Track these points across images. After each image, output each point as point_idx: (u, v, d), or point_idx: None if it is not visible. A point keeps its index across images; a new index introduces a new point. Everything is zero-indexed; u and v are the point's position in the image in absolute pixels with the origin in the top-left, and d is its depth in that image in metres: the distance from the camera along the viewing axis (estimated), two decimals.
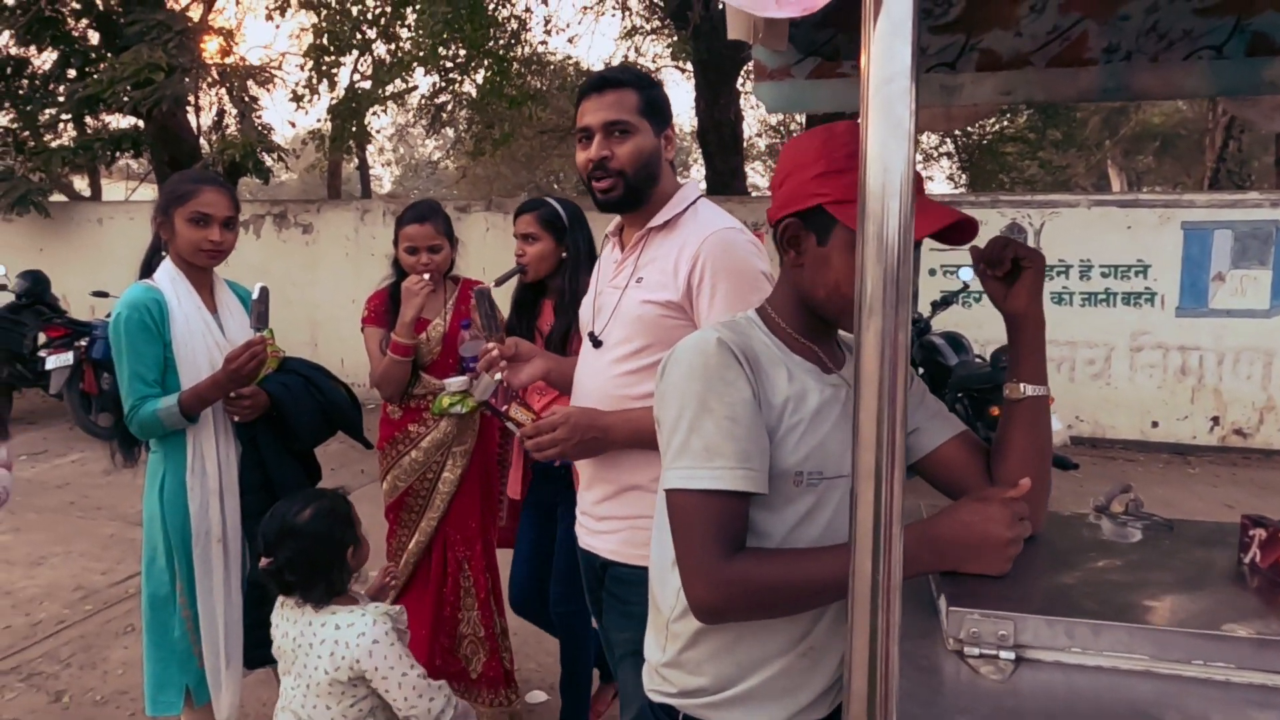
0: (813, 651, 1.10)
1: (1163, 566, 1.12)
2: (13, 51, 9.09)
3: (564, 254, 2.42)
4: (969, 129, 11.94)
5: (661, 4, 9.06)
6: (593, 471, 1.64)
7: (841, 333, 1.21)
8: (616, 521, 1.60)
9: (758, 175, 21.04)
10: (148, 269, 2.20)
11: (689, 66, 10.54)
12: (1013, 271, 1.15)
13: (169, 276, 2.14)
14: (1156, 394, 6.39)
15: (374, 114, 7.76)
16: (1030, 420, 1.15)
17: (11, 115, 9.41)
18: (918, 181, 1.04)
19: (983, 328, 5.83)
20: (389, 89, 6.87)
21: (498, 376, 1.66)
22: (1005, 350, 5.39)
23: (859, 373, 0.70)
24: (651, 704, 1.20)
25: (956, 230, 1.06)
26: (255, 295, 2.15)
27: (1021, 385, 1.15)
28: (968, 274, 5.25)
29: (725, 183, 8.79)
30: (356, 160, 16.86)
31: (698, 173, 26.11)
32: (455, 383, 2.47)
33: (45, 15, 8.48)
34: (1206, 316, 6.21)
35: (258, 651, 2.18)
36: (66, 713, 2.76)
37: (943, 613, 0.97)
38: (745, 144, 10.17)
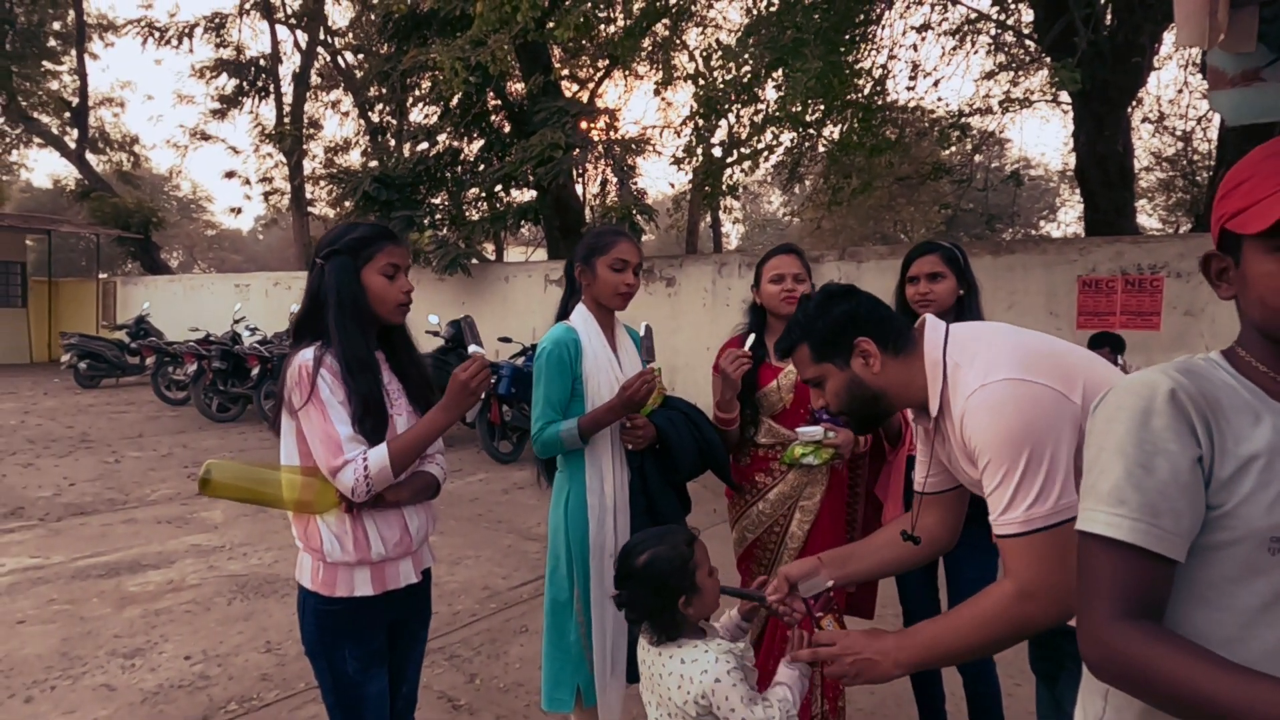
0: None
1: None
2: (450, 144, 11.25)
3: (962, 292, 2.47)
4: None
5: (1034, 37, 8.44)
6: None
7: None
8: None
9: (1145, 214, 18.44)
10: (565, 313, 2.53)
11: (1063, 99, 9.63)
12: None
13: (582, 317, 2.43)
14: None
15: (742, 171, 8.22)
16: None
17: (445, 196, 11.61)
18: None
19: None
20: (757, 145, 7.26)
21: (830, 582, 1.63)
22: None
23: None
24: None
25: None
26: (643, 333, 2.41)
27: None
28: None
29: (1110, 222, 7.82)
30: (710, 219, 18.03)
31: (1066, 215, 23.61)
32: (809, 432, 2.40)
33: (476, 113, 10.38)
34: None
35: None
36: (478, 694, 3.21)
37: None
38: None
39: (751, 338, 2.51)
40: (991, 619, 1.33)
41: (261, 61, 18.58)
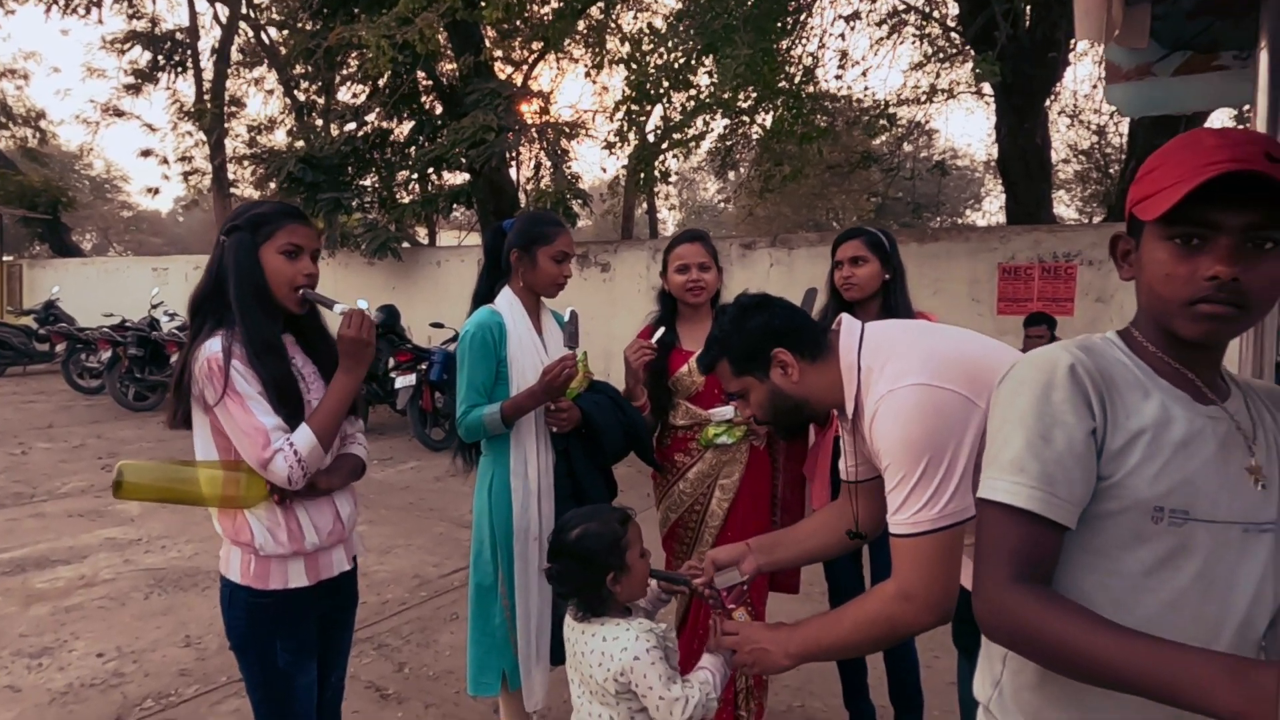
0: None
1: None
2: (380, 125, 10.95)
3: (887, 276, 2.53)
4: None
5: (959, 30, 8.66)
6: None
7: (1233, 371, 1.06)
8: None
9: (1063, 205, 19.17)
10: (485, 292, 2.50)
11: (986, 91, 9.92)
12: None
13: (508, 302, 2.42)
14: None
15: (674, 157, 8.24)
16: None
17: (374, 178, 11.32)
18: None
19: None
20: (689, 132, 7.27)
21: (745, 580, 1.72)
22: None
23: None
24: None
25: None
26: (567, 318, 2.42)
27: None
28: None
29: (1030, 213, 8.12)
30: (646, 205, 18.03)
31: (992, 205, 24.39)
32: (720, 412, 2.47)
33: (406, 93, 10.13)
34: None
35: (564, 649, 2.35)
36: (407, 682, 3.17)
37: None
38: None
39: (662, 330, 2.55)
40: (872, 618, 1.37)
41: (179, 35, 17.74)
